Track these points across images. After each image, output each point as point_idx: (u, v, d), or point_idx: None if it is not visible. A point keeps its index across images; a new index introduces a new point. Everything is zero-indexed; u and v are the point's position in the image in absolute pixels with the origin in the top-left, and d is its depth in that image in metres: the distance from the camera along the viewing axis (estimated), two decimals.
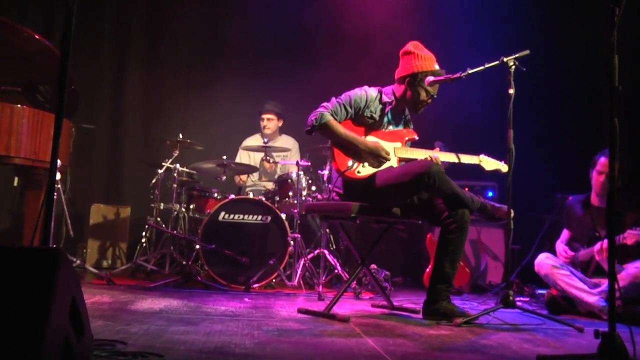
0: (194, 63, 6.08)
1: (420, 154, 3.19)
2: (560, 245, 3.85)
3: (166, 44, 6.01)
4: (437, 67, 3.19)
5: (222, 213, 4.31)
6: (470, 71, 3.03)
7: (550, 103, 5.87)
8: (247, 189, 5.35)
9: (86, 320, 1.74)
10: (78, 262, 4.51)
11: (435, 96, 3.21)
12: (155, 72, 5.94)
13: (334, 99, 3.18)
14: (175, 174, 4.65)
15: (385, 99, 3.25)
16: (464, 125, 5.62)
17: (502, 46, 3.21)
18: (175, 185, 4.64)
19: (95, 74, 5.80)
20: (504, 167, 3.31)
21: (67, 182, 4.50)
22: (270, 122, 5.41)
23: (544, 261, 3.66)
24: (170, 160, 4.71)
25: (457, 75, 3.07)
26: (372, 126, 3.22)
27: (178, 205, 4.72)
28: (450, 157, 3.24)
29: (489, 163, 3.34)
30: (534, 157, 5.35)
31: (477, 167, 3.33)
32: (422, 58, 3.19)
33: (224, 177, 4.72)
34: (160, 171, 4.72)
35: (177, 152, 4.76)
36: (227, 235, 4.28)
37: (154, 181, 4.76)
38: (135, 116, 5.93)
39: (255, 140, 5.50)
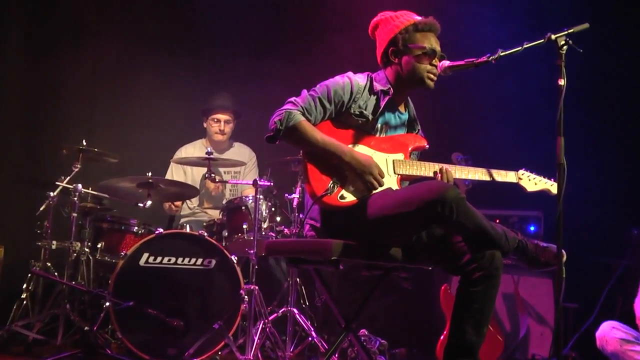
0: (104, 39, 6.05)
1: (431, 170, 3.20)
2: None
3: (63, 11, 5.97)
4: (417, 17, 3.27)
5: (145, 255, 4.28)
6: (502, 53, 3.04)
7: (619, 99, 5.86)
8: (183, 220, 5.31)
9: None
10: None
11: (436, 50, 3.21)
12: (44, 49, 5.87)
13: (305, 91, 3.17)
14: (75, 199, 4.59)
15: (377, 87, 3.26)
16: (494, 130, 5.66)
17: (548, 19, 3.23)
18: (75, 215, 4.58)
19: None
20: (553, 188, 3.32)
21: None
22: (227, 125, 5.43)
23: (609, 334, 3.63)
24: (67, 178, 4.65)
25: (484, 59, 3.07)
26: (363, 129, 3.21)
27: (79, 244, 4.64)
28: (475, 173, 3.25)
29: (531, 182, 3.35)
30: (597, 175, 5.39)
31: (515, 188, 3.33)
32: (393, 19, 3.29)
33: (149, 203, 4.68)
34: (52, 194, 4.64)
35: (79, 166, 4.70)
36: (151, 288, 4.24)
37: (42, 208, 4.68)
38: (13, 112, 5.82)
39: (194, 149, 5.47)
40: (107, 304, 4.15)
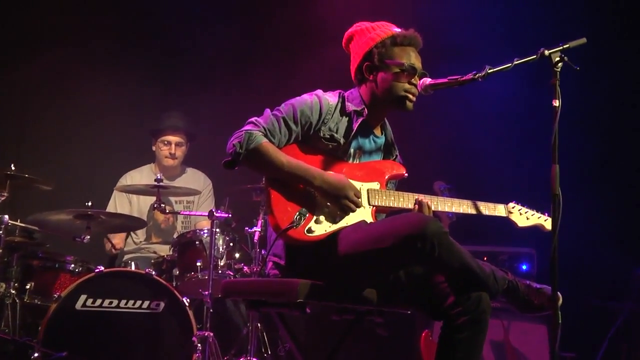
0: (38, 49, 6.03)
1: (410, 201, 3.22)
2: None
3: None
4: (396, 29, 3.29)
5: (83, 297, 4.24)
6: (490, 70, 3.07)
7: (623, 124, 5.93)
8: (127, 257, 5.28)
9: None
10: None
11: (416, 67, 3.23)
12: None
13: (268, 111, 3.18)
14: (0, 232, 4.53)
15: (350, 107, 3.27)
16: (482, 156, 5.72)
17: (542, 34, 3.28)
18: None
19: None
20: (547, 223, 3.36)
21: None
22: (179, 148, 5.42)
23: None
24: None
25: (470, 76, 3.11)
26: (334, 154, 3.22)
27: (4, 285, 4.57)
28: (460, 206, 3.27)
29: (523, 216, 3.38)
30: (597, 209, 5.44)
31: (504, 223, 3.36)
32: (369, 30, 3.31)
33: (88, 237, 4.65)
34: None
35: (6, 194, 4.66)
36: (89, 335, 4.21)
37: None
38: None
39: (142, 175, 5.46)
40: (36, 354, 4.09)
